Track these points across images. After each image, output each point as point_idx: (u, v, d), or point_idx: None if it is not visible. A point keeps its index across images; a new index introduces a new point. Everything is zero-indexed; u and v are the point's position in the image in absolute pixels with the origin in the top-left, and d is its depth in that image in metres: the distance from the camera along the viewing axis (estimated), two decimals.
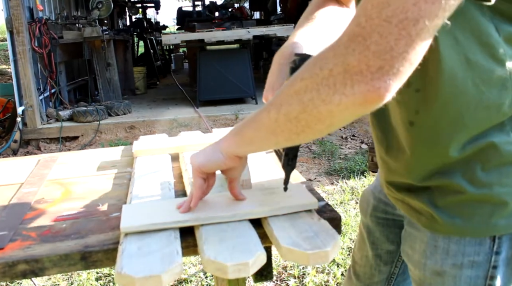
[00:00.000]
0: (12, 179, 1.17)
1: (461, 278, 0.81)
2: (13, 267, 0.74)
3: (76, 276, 2.37)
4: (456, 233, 0.79)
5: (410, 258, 0.89)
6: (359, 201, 1.15)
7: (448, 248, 0.80)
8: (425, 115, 0.75)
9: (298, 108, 0.64)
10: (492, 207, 0.75)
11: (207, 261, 0.67)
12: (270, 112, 0.68)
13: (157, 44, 10.33)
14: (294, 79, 0.65)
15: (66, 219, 0.90)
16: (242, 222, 0.79)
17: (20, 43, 4.83)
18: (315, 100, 0.62)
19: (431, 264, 0.83)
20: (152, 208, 0.84)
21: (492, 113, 0.72)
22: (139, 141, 1.32)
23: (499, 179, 0.74)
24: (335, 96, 0.59)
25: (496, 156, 0.73)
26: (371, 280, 1.14)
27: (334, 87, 0.59)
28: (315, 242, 0.70)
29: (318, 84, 0.61)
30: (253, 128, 0.73)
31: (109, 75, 6.02)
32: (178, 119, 5.23)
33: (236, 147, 0.77)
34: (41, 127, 5.07)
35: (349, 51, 0.58)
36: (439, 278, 0.83)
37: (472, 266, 0.80)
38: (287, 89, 0.66)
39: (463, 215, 0.77)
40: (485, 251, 0.78)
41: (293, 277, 2.31)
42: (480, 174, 0.74)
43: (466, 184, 0.75)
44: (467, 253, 0.79)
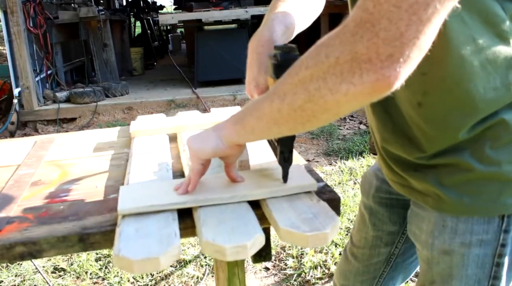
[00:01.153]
0: (8, 160, 1.16)
1: (469, 256, 0.81)
2: (10, 249, 0.74)
3: (75, 257, 2.38)
4: (464, 212, 0.78)
5: (417, 238, 0.89)
6: (361, 183, 1.15)
7: (456, 227, 0.80)
8: (433, 96, 0.74)
9: (304, 97, 0.62)
10: (501, 185, 0.75)
11: (205, 243, 0.67)
12: (273, 102, 0.67)
13: (154, 25, 10.21)
14: (298, 67, 0.63)
15: (64, 200, 0.90)
16: (241, 203, 0.78)
17: (15, 23, 4.76)
18: (322, 89, 0.59)
19: (439, 244, 0.83)
20: (150, 189, 0.83)
21: (501, 93, 0.71)
22: (136, 122, 1.31)
23: (508, 156, 0.74)
24: (342, 85, 0.57)
25: (506, 133, 0.73)
26: (370, 261, 1.14)
27: (342, 76, 0.57)
28: (314, 224, 0.70)
29: (324, 73, 0.59)
30: (254, 117, 0.71)
31: (106, 56, 5.96)
32: (176, 100, 5.21)
33: (237, 136, 0.76)
34: (38, 109, 5.04)
35: (356, 38, 0.55)
36: (447, 257, 0.83)
37: (480, 244, 0.80)
38: (291, 78, 0.64)
39: (471, 194, 0.76)
40: (494, 229, 0.78)
41: (291, 257, 2.32)
42: (489, 151, 0.74)
43: (474, 161, 0.75)
44: (475, 232, 0.79)
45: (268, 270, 2.26)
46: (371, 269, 1.16)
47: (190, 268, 2.26)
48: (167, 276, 2.21)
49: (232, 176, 0.85)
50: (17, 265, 2.32)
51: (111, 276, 2.21)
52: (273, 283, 2.17)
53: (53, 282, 2.20)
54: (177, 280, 2.18)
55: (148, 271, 0.64)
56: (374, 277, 1.16)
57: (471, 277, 0.83)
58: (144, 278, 2.21)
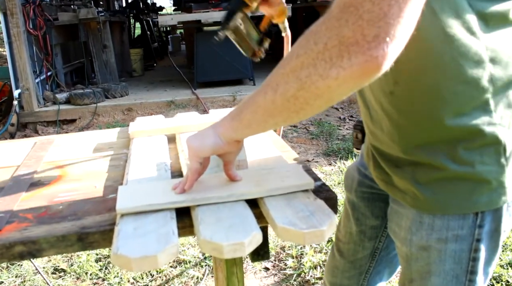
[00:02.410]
0: (8, 161, 1.16)
1: (446, 252, 0.83)
2: (10, 248, 0.75)
3: (76, 257, 2.39)
4: (439, 210, 0.80)
5: (396, 235, 0.91)
6: (344, 178, 1.16)
7: (433, 224, 0.82)
8: (403, 85, 0.76)
9: (296, 86, 0.62)
10: (473, 184, 0.77)
11: (203, 241, 0.67)
12: (266, 94, 0.67)
13: (153, 26, 10.22)
14: (289, 57, 0.64)
15: (63, 200, 0.90)
16: (238, 202, 0.79)
17: (15, 25, 4.77)
18: (313, 76, 0.60)
19: (416, 240, 0.85)
20: (148, 189, 0.84)
21: (471, 88, 0.73)
22: (135, 123, 1.32)
23: (481, 157, 0.76)
24: (332, 70, 0.58)
25: (479, 136, 0.75)
26: (355, 257, 1.16)
27: (331, 61, 0.58)
28: (311, 221, 0.71)
29: (314, 59, 0.59)
30: (250, 111, 0.72)
31: (105, 57, 5.97)
32: (176, 101, 5.21)
33: (234, 131, 0.76)
34: (38, 111, 5.04)
35: (342, 23, 0.56)
36: (425, 253, 0.85)
37: (456, 240, 0.81)
38: (282, 69, 0.65)
39: (445, 192, 0.79)
40: (469, 225, 0.80)
41: (291, 257, 2.33)
42: (463, 152, 0.76)
43: (448, 161, 0.77)
44: (451, 227, 0.81)
45: (268, 270, 2.27)
46: (357, 265, 1.17)
47: (190, 269, 2.27)
48: (167, 277, 2.22)
49: (230, 174, 0.85)
50: (17, 266, 2.33)
51: (111, 276, 2.22)
52: (273, 283, 2.17)
53: (53, 282, 2.20)
54: (177, 280, 2.19)
55: (147, 269, 0.64)
56: (360, 272, 1.18)
57: (448, 272, 0.84)
58: (144, 278, 2.21)
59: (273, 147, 1.07)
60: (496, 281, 2.08)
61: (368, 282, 1.19)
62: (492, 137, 0.75)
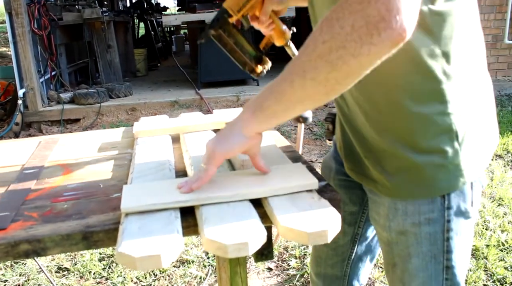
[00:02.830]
0: (13, 160, 1.17)
1: (421, 235, 0.90)
2: (15, 247, 0.75)
3: (79, 256, 2.39)
4: (406, 196, 0.88)
5: (377, 222, 0.98)
6: (321, 168, 1.22)
7: (406, 209, 0.89)
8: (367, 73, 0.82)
9: (327, 69, 0.66)
10: (432, 170, 0.85)
11: (207, 241, 0.67)
12: (293, 82, 0.70)
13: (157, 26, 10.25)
14: (313, 45, 0.67)
15: (68, 199, 0.91)
16: (243, 201, 0.79)
17: (19, 25, 4.79)
18: (344, 56, 0.64)
19: (394, 226, 0.93)
20: (153, 188, 0.84)
21: (426, 79, 0.80)
22: (139, 123, 1.32)
23: (436, 145, 0.83)
24: (363, 48, 0.63)
25: (433, 126, 0.82)
26: (337, 244, 1.20)
27: (361, 41, 0.63)
28: (315, 222, 0.71)
29: (343, 42, 0.64)
30: (274, 101, 0.74)
31: (109, 57, 5.99)
32: (180, 101, 5.22)
33: (258, 123, 0.78)
34: (43, 110, 5.06)
35: (364, 5, 0.61)
36: (403, 237, 0.92)
37: (429, 223, 0.89)
38: (306, 57, 0.68)
39: (409, 179, 0.86)
40: (438, 208, 0.88)
41: (294, 257, 2.33)
42: (420, 141, 0.83)
43: (408, 150, 0.84)
44: (422, 212, 0.88)
45: (271, 271, 2.27)
46: (339, 252, 1.21)
47: (193, 268, 2.27)
48: (170, 276, 2.22)
49: (260, 166, 0.85)
50: (21, 265, 2.34)
51: (114, 276, 2.22)
52: (276, 283, 2.17)
53: (57, 281, 2.21)
54: (180, 280, 2.19)
55: (151, 268, 0.65)
56: (343, 259, 1.22)
57: (427, 253, 0.91)
58: (148, 278, 2.22)
59: (276, 147, 1.07)
60: (500, 283, 2.08)
61: (351, 268, 1.24)
62: (445, 126, 0.82)
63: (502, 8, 5.88)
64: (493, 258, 2.23)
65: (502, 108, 5.06)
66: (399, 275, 0.97)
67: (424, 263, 0.92)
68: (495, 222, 2.58)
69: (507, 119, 4.57)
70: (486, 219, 2.62)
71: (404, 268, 0.95)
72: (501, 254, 2.27)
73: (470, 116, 0.85)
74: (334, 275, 1.24)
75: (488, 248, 2.31)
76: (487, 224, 2.57)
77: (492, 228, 2.52)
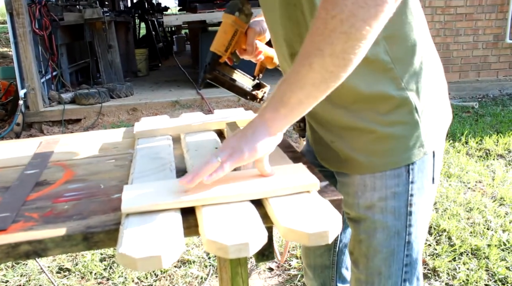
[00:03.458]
0: (14, 160, 1.17)
1: (387, 208, 0.97)
2: (16, 248, 0.75)
3: (80, 257, 2.39)
4: (373, 169, 0.95)
5: (345, 203, 1.03)
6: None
7: (374, 185, 0.96)
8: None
9: (342, 40, 0.70)
10: (395, 142, 0.92)
11: (208, 241, 0.67)
12: (312, 64, 0.72)
13: (158, 26, 10.25)
14: (322, 23, 0.70)
15: (68, 200, 0.90)
16: (243, 202, 0.79)
17: (21, 25, 4.79)
18: (356, 23, 0.68)
19: (362, 202, 0.99)
20: (153, 188, 0.84)
21: (373, 62, 0.87)
22: (140, 123, 1.32)
23: (396, 118, 0.91)
24: (371, 11, 0.68)
25: (390, 101, 0.90)
26: None
27: (367, 5, 0.68)
28: (316, 222, 0.70)
29: (351, 11, 0.68)
30: (295, 90, 0.75)
31: (110, 57, 5.99)
32: (181, 101, 5.22)
33: (285, 118, 0.78)
34: (44, 110, 5.07)
35: None
36: (369, 212, 0.99)
37: (394, 196, 0.96)
38: (319, 35, 0.71)
39: (375, 153, 0.93)
40: (403, 182, 0.95)
41: (295, 257, 2.33)
42: (381, 115, 0.91)
43: (372, 124, 0.91)
44: (389, 186, 0.95)
45: (272, 271, 2.27)
46: None
47: (194, 269, 2.27)
48: (171, 276, 2.22)
49: (264, 170, 0.84)
50: (22, 265, 2.34)
51: (115, 276, 2.23)
52: (277, 283, 2.17)
53: (58, 282, 2.21)
54: (181, 280, 2.19)
55: (151, 268, 0.64)
56: (329, 248, 1.29)
57: (391, 228, 0.98)
58: (149, 278, 2.22)
59: (277, 148, 1.07)
60: (502, 283, 2.07)
61: (338, 256, 1.30)
62: (402, 100, 0.90)
63: (504, 7, 5.87)
64: (494, 258, 2.23)
65: (503, 107, 5.05)
66: (364, 251, 1.02)
67: (388, 238, 0.98)
68: (497, 222, 2.58)
69: (509, 119, 4.56)
70: (487, 219, 2.62)
71: (369, 244, 1.01)
72: (502, 254, 2.27)
73: (425, 92, 0.92)
74: (323, 264, 1.30)
75: (490, 248, 2.31)
76: (488, 223, 2.57)
77: (494, 227, 2.52)
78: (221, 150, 0.80)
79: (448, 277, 2.13)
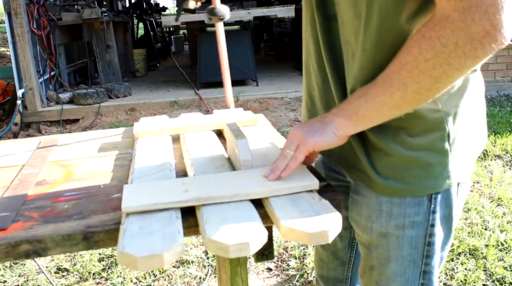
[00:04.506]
0: (13, 160, 1.17)
1: (403, 238, 0.90)
2: (16, 247, 0.75)
3: (79, 257, 2.39)
4: (392, 194, 0.87)
5: (357, 223, 0.97)
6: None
7: (391, 211, 0.89)
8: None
9: (430, 82, 0.71)
10: (419, 169, 0.84)
11: (208, 241, 0.67)
12: (393, 94, 0.75)
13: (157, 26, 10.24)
14: (413, 62, 0.71)
15: (68, 200, 0.90)
16: (243, 202, 0.79)
17: (19, 25, 4.79)
18: (448, 71, 0.69)
19: (376, 227, 0.91)
20: (154, 188, 0.84)
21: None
22: (140, 123, 1.32)
23: (425, 143, 0.84)
24: (467, 61, 0.67)
25: (422, 122, 0.82)
26: (336, 248, 1.20)
27: (465, 55, 0.67)
28: (316, 222, 0.71)
29: (447, 59, 0.68)
30: (372, 109, 0.78)
31: (109, 57, 5.98)
32: (179, 102, 5.22)
33: (354, 126, 0.82)
34: (42, 110, 5.06)
35: (468, 22, 0.65)
36: (384, 240, 0.91)
37: (412, 226, 0.88)
38: (408, 72, 0.72)
39: (395, 177, 0.86)
40: (424, 211, 0.87)
41: (294, 257, 2.33)
42: (408, 137, 0.84)
43: (395, 146, 0.85)
44: (407, 214, 0.88)
45: (271, 271, 2.27)
46: (339, 255, 1.21)
47: (192, 269, 2.27)
48: (169, 276, 2.22)
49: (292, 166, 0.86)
50: (20, 265, 2.34)
51: (114, 276, 2.22)
52: (276, 283, 2.17)
53: (57, 282, 2.21)
54: (180, 280, 2.19)
55: (152, 267, 0.65)
56: (343, 263, 1.22)
57: (406, 257, 0.91)
58: (147, 278, 2.21)
59: (277, 147, 1.07)
60: (500, 283, 2.08)
61: (352, 271, 1.24)
62: (435, 123, 0.82)
63: None
64: (492, 258, 2.23)
65: (501, 108, 5.06)
66: (375, 278, 0.96)
67: (403, 268, 0.92)
68: (494, 222, 2.58)
69: (506, 119, 4.58)
70: (485, 219, 2.62)
71: (382, 272, 0.94)
72: (500, 254, 2.28)
73: (462, 116, 0.85)
74: (336, 278, 1.25)
75: (487, 248, 2.31)
76: (486, 224, 2.58)
77: (491, 228, 2.53)
78: (291, 140, 0.86)
79: (446, 277, 2.14)
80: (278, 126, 4.61)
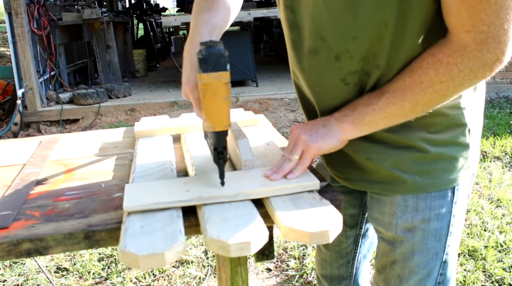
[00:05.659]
0: (14, 159, 1.17)
1: (429, 230, 0.93)
2: (17, 245, 0.75)
3: (78, 257, 2.39)
4: (419, 190, 0.91)
5: (379, 222, 0.98)
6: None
7: (417, 206, 0.92)
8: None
9: (441, 100, 0.79)
10: (445, 163, 0.89)
11: (209, 240, 0.68)
12: (404, 107, 0.81)
13: (157, 27, 10.25)
14: (429, 82, 0.77)
15: (69, 199, 0.91)
16: (245, 201, 0.80)
17: (19, 24, 4.79)
18: (458, 90, 0.78)
19: (402, 223, 0.94)
20: (155, 187, 0.84)
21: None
22: (140, 123, 1.32)
23: (450, 138, 0.88)
24: (476, 81, 0.76)
25: (445, 119, 0.87)
26: (340, 247, 1.21)
27: (476, 77, 0.76)
28: (316, 222, 0.71)
29: (461, 82, 0.76)
30: (379, 117, 0.83)
31: (109, 57, 5.99)
32: (179, 102, 5.23)
33: (357, 132, 0.86)
34: (42, 110, 5.06)
35: (483, 52, 0.73)
36: (409, 234, 0.94)
37: (437, 218, 0.92)
38: (422, 90, 0.78)
39: (423, 173, 0.89)
40: (447, 203, 0.92)
41: (293, 258, 2.33)
42: (433, 134, 0.88)
43: (422, 143, 0.88)
44: (433, 207, 0.92)
45: (270, 271, 2.27)
46: (343, 254, 1.22)
47: (192, 269, 2.27)
48: (169, 276, 2.22)
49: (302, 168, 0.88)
50: (20, 265, 2.34)
51: (113, 276, 2.22)
52: (275, 284, 2.18)
53: (56, 281, 2.21)
54: (180, 280, 2.19)
55: (153, 266, 0.65)
56: (348, 261, 1.23)
57: (430, 250, 0.94)
58: (147, 278, 2.22)
59: (277, 148, 1.08)
60: (499, 284, 2.08)
61: (356, 267, 1.25)
62: (457, 119, 0.88)
63: None
64: (491, 259, 2.24)
65: (500, 110, 5.07)
66: (397, 272, 0.98)
67: (426, 260, 0.95)
68: (494, 223, 2.59)
69: (505, 121, 4.58)
70: (484, 220, 2.63)
71: (405, 265, 0.96)
72: (499, 255, 2.28)
73: (475, 111, 0.91)
74: (341, 275, 1.25)
75: (487, 249, 2.32)
76: (485, 225, 2.58)
77: (491, 229, 2.53)
78: (294, 143, 0.88)
79: None
80: (278, 127, 4.61)
